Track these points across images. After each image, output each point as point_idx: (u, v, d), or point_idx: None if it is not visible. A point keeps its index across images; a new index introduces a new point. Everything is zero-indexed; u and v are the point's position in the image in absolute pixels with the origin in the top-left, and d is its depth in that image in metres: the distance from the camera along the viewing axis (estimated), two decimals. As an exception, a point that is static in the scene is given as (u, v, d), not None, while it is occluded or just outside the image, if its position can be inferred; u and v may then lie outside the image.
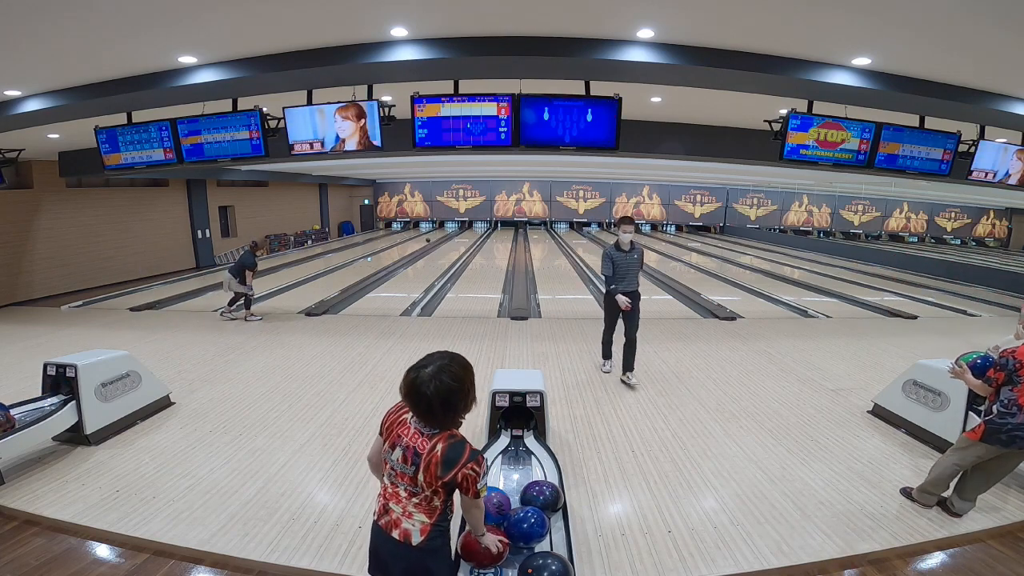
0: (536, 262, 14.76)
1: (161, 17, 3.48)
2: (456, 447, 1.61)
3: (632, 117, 6.35)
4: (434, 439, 1.61)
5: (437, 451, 1.59)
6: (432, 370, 1.58)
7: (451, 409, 1.60)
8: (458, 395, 1.60)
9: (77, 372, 3.75)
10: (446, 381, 1.57)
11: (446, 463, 1.59)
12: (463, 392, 1.61)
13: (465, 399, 1.63)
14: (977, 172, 5.78)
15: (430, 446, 1.60)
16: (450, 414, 1.62)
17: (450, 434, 1.63)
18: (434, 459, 1.59)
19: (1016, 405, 2.74)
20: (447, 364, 1.61)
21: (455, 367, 1.62)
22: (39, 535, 2.86)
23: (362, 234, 23.52)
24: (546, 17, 3.64)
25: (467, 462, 1.61)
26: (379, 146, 5.02)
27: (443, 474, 1.59)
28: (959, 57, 4.00)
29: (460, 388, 1.60)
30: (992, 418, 2.81)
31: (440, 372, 1.58)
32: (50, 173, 9.78)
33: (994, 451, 2.82)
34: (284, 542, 2.76)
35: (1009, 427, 2.74)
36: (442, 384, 1.56)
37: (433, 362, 1.61)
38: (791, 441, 3.96)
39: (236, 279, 7.40)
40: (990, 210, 26.30)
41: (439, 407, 1.57)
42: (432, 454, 1.59)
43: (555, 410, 4.37)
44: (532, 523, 2.26)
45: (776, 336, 6.98)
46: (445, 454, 1.59)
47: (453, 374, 1.59)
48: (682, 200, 25.22)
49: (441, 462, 1.59)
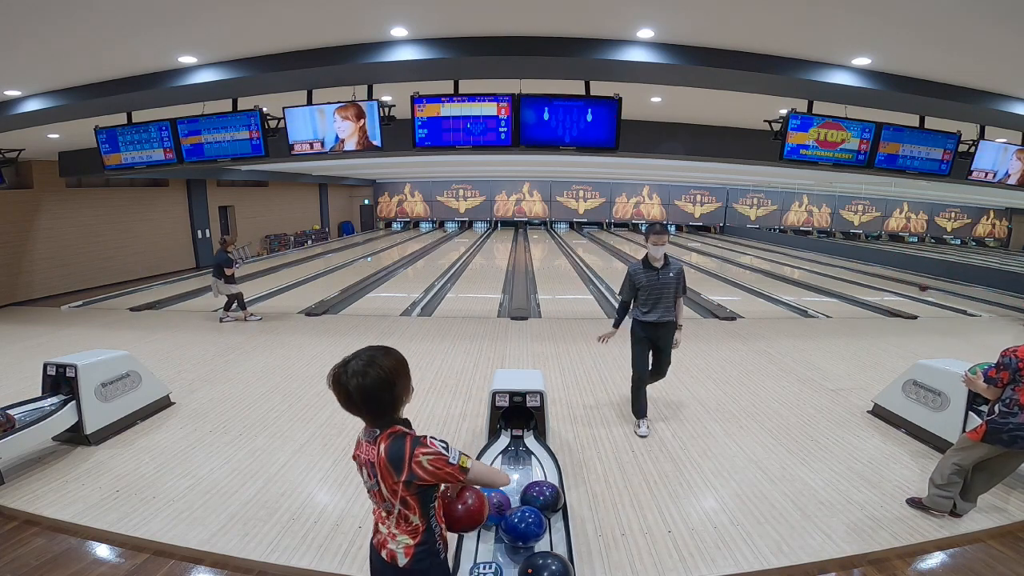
0: (536, 262, 14.76)
1: (161, 17, 3.48)
2: (396, 441, 1.47)
3: (632, 117, 6.35)
4: (378, 442, 1.49)
5: (382, 454, 1.47)
6: (357, 364, 1.46)
7: (375, 403, 1.47)
8: (383, 387, 1.46)
9: (77, 372, 3.75)
10: (371, 373, 1.45)
11: (392, 463, 1.45)
12: (389, 383, 1.47)
13: (391, 391, 1.48)
14: (977, 172, 5.78)
15: (376, 451, 1.48)
16: (376, 409, 1.49)
17: (390, 432, 1.50)
18: (381, 463, 1.47)
19: (1018, 405, 2.74)
20: (376, 356, 1.49)
21: (384, 359, 1.50)
22: (39, 535, 2.86)
23: (362, 234, 23.51)
24: (546, 17, 3.64)
25: (412, 451, 1.45)
26: (379, 146, 5.02)
27: (397, 476, 1.45)
28: (959, 57, 4.00)
29: (386, 379, 1.46)
30: (994, 418, 2.81)
31: (367, 365, 1.46)
32: (50, 173, 9.78)
33: (996, 451, 2.82)
34: (284, 542, 2.76)
35: (1011, 427, 2.73)
36: (366, 376, 1.44)
37: (357, 357, 1.49)
38: (791, 441, 3.96)
39: (221, 280, 7.37)
40: (990, 210, 26.28)
41: (361, 401, 1.45)
42: (380, 459, 1.47)
43: (555, 410, 4.37)
44: (529, 523, 2.26)
45: (776, 336, 6.98)
46: (388, 454, 1.46)
47: (380, 366, 1.47)
48: (682, 200, 25.20)
49: (388, 463, 1.46)
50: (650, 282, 3.83)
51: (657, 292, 3.84)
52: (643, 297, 3.88)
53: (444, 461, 1.47)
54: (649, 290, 3.84)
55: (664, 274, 3.84)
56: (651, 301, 3.86)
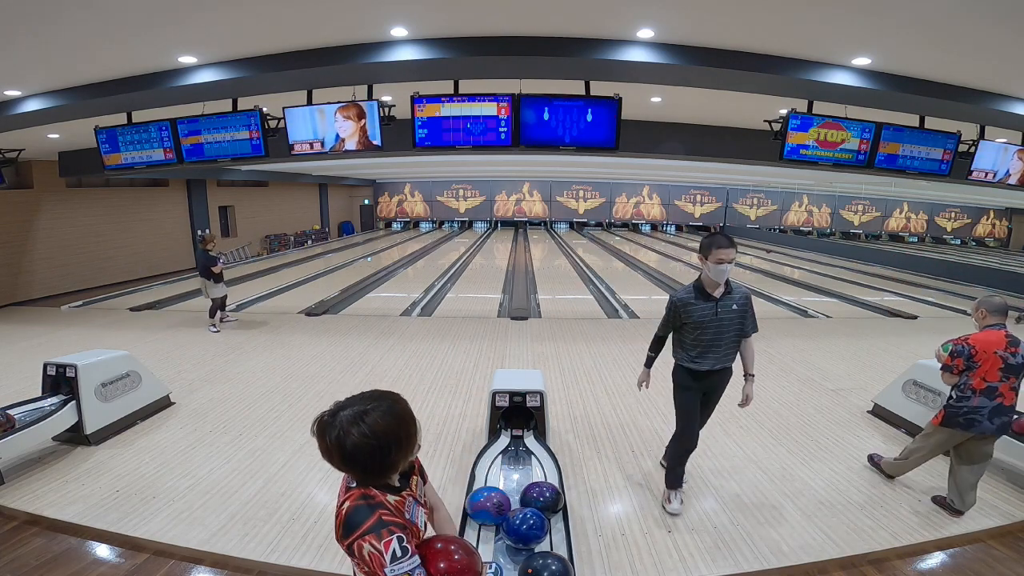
0: (536, 262, 14.76)
1: (161, 17, 3.48)
2: (360, 511, 1.23)
3: (632, 117, 6.35)
4: (348, 493, 1.29)
5: (342, 510, 1.26)
6: (348, 414, 1.23)
7: (358, 468, 1.24)
8: (370, 454, 1.21)
9: (77, 372, 3.75)
10: (354, 435, 1.20)
11: (346, 528, 1.23)
12: (381, 451, 1.22)
13: (383, 460, 1.24)
14: (977, 172, 5.78)
15: (341, 501, 1.29)
16: (358, 473, 1.27)
17: (364, 493, 1.27)
18: (339, 519, 1.26)
19: (971, 389, 2.88)
20: (370, 411, 1.24)
21: (380, 417, 1.23)
22: (39, 535, 2.86)
23: (362, 234, 23.52)
24: (546, 17, 3.64)
25: (366, 532, 1.20)
26: (379, 146, 5.02)
27: (342, 538, 1.24)
28: (959, 57, 4.00)
29: (376, 446, 1.21)
30: (950, 403, 2.97)
31: (357, 419, 1.22)
32: (50, 173, 9.78)
33: (958, 435, 2.96)
34: (284, 542, 2.76)
35: (965, 410, 2.88)
36: (350, 438, 1.20)
37: (354, 404, 1.26)
38: (791, 441, 3.96)
39: (210, 280, 6.99)
40: (990, 210, 26.29)
41: (340, 461, 1.23)
42: (339, 512, 1.27)
43: (555, 410, 4.37)
44: (531, 524, 2.26)
45: (776, 336, 6.98)
46: (346, 517, 1.24)
47: (372, 426, 1.21)
48: (682, 200, 25.21)
49: (342, 524, 1.25)
50: (705, 318, 2.74)
51: (714, 331, 2.76)
52: (692, 337, 2.80)
53: (381, 564, 1.19)
54: (703, 328, 2.75)
55: (725, 306, 2.75)
56: (705, 342, 2.78)
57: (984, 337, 2.93)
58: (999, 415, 2.85)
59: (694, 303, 2.78)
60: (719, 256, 2.67)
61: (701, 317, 2.76)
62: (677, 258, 16.32)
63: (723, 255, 2.67)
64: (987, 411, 2.85)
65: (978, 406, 2.86)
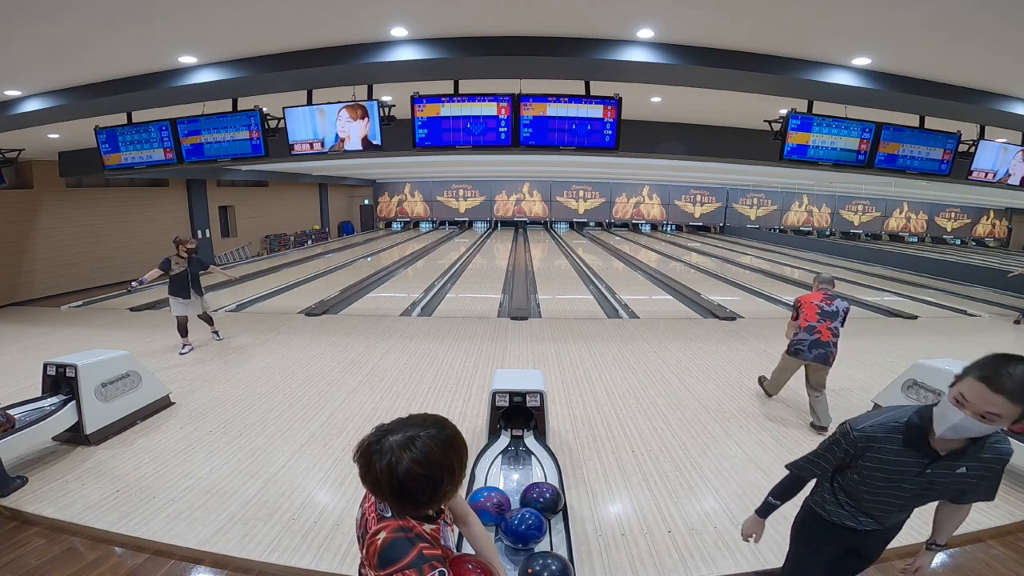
0: (536, 262, 14.76)
1: (161, 17, 3.48)
2: (399, 545, 1.19)
3: (632, 117, 6.35)
4: (383, 523, 1.23)
5: (378, 540, 1.21)
6: (398, 439, 1.16)
7: (408, 499, 1.18)
8: (423, 484, 1.15)
9: (77, 372, 3.76)
10: (406, 463, 1.13)
11: (382, 560, 1.19)
12: (433, 481, 1.16)
13: (435, 491, 1.18)
14: (977, 172, 5.78)
15: (375, 529, 1.23)
16: (406, 505, 1.20)
17: (401, 525, 1.22)
18: (373, 548, 1.21)
19: (799, 328, 4.22)
20: (421, 436, 1.17)
21: (431, 443, 1.17)
22: (39, 535, 2.86)
23: (362, 234, 23.52)
24: (546, 17, 3.64)
25: (406, 568, 1.16)
26: (379, 146, 5.02)
27: (378, 567, 1.19)
28: (959, 57, 4.00)
29: (429, 476, 1.15)
30: (791, 341, 4.26)
31: (407, 445, 1.15)
32: (50, 173, 9.78)
33: (792, 361, 4.28)
34: (284, 542, 2.76)
35: (795, 343, 4.22)
36: (401, 465, 1.13)
37: (404, 428, 1.19)
38: (791, 441, 3.95)
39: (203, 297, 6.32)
40: (990, 210, 26.29)
41: (389, 492, 1.16)
42: (372, 540, 1.22)
43: (555, 410, 4.37)
44: (530, 524, 2.26)
45: (776, 336, 6.96)
46: (383, 548, 1.19)
47: (426, 452, 1.15)
48: (682, 200, 25.21)
49: (377, 555, 1.20)
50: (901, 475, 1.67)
51: (908, 492, 1.70)
52: (863, 488, 1.75)
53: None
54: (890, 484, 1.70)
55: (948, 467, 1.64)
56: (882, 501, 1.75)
57: (808, 296, 4.34)
58: (817, 347, 4.09)
59: (892, 449, 1.65)
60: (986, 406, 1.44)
61: (895, 472, 1.66)
62: (677, 258, 16.32)
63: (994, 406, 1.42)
64: (808, 343, 4.12)
65: (802, 339, 4.15)
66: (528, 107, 4.82)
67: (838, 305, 4.21)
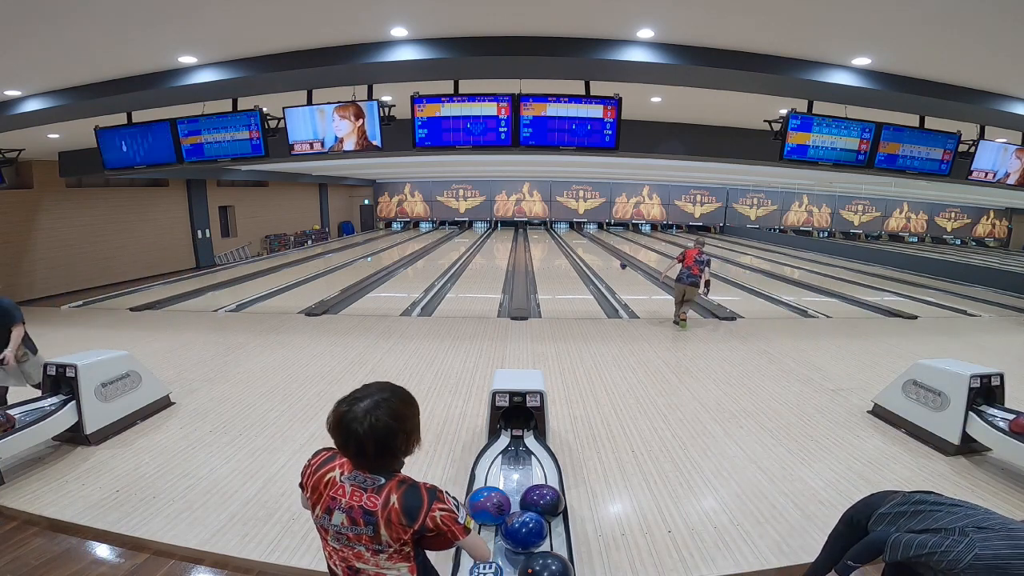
0: (536, 262, 14.76)
1: (161, 17, 3.48)
2: (412, 492, 1.39)
3: (632, 117, 6.35)
4: (383, 491, 1.37)
5: (393, 502, 1.36)
6: (368, 404, 1.34)
7: (387, 453, 1.37)
8: (397, 437, 1.36)
9: (77, 372, 3.75)
10: (383, 419, 1.33)
11: (408, 512, 1.36)
12: (404, 433, 1.38)
13: (407, 441, 1.40)
14: (977, 172, 5.78)
15: (382, 500, 1.37)
16: (386, 458, 1.38)
17: (399, 480, 1.41)
18: (394, 512, 1.36)
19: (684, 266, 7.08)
20: (387, 398, 1.38)
21: (396, 402, 1.38)
22: (39, 535, 2.86)
23: (362, 234, 23.51)
24: (546, 17, 3.64)
25: (431, 503, 1.38)
26: (379, 146, 5.02)
27: (409, 523, 1.36)
28: (959, 57, 4.00)
29: (400, 429, 1.36)
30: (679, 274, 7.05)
31: (377, 407, 1.34)
32: (50, 173, 9.77)
33: (679, 287, 7.16)
34: (284, 542, 2.76)
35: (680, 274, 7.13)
36: (378, 422, 1.32)
37: (370, 395, 1.37)
38: (791, 441, 3.96)
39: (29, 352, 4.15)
40: (990, 210, 26.28)
41: (373, 449, 1.33)
42: (389, 508, 1.36)
43: (555, 410, 4.37)
44: (530, 529, 2.25)
45: (776, 336, 6.98)
46: (404, 503, 1.37)
47: (392, 411, 1.36)
48: (682, 200, 25.20)
49: (402, 512, 1.36)
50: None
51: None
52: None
53: (454, 519, 1.41)
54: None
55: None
56: None
57: (689, 252, 7.13)
58: (689, 277, 6.98)
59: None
60: None
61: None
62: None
63: None
64: (686, 275, 7.01)
65: (683, 272, 7.04)
66: (528, 107, 4.82)
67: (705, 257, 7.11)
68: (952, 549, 1.49)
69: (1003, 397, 3.78)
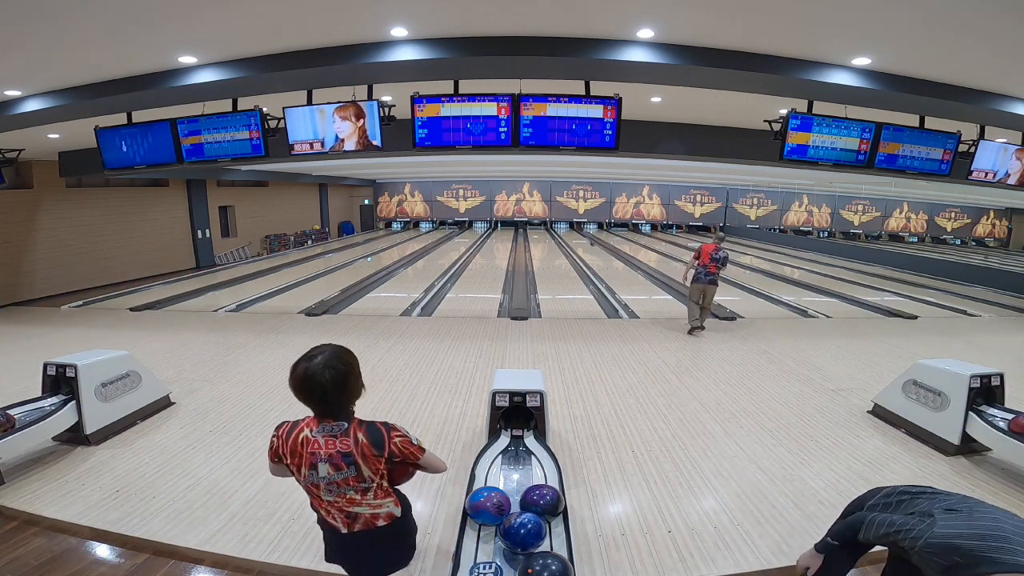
0: (536, 262, 14.75)
1: (161, 17, 3.48)
2: (371, 427, 1.70)
3: (632, 117, 6.35)
4: (350, 433, 1.66)
5: (361, 439, 1.66)
6: (322, 359, 1.62)
7: (346, 393, 1.66)
8: (351, 379, 1.67)
9: (77, 372, 3.75)
10: (338, 367, 1.63)
11: (375, 443, 1.67)
12: (354, 376, 1.69)
13: (356, 382, 1.70)
14: (977, 172, 5.78)
15: (352, 440, 1.65)
16: (345, 398, 1.67)
17: (358, 421, 1.70)
18: (364, 447, 1.66)
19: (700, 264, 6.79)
20: (336, 351, 1.67)
21: (343, 353, 1.69)
22: (39, 535, 2.86)
23: (362, 234, 23.51)
24: (546, 17, 3.64)
25: (388, 433, 1.70)
26: (379, 146, 5.02)
27: (379, 452, 1.67)
28: (959, 57, 4.00)
29: (351, 372, 1.67)
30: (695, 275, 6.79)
31: (330, 359, 1.63)
32: (50, 173, 9.77)
33: (695, 287, 6.76)
34: (284, 542, 2.76)
35: (695, 273, 6.76)
36: (335, 371, 1.62)
37: (321, 352, 1.65)
38: (791, 441, 3.95)
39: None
40: (990, 210, 26.29)
41: (335, 392, 1.62)
42: (360, 444, 1.65)
43: (555, 410, 4.37)
44: (529, 529, 2.25)
45: (776, 336, 6.98)
46: (369, 437, 1.67)
47: (342, 359, 1.66)
48: (682, 200, 25.21)
49: (371, 444, 1.66)
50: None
51: None
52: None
53: (409, 442, 1.74)
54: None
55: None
56: None
57: (705, 247, 6.77)
58: (707, 276, 6.70)
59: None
60: None
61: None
62: (677, 258, 16.32)
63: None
64: (703, 273, 6.69)
65: (699, 271, 6.72)
66: (528, 107, 4.82)
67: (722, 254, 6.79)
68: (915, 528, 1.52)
69: (1003, 397, 3.78)
